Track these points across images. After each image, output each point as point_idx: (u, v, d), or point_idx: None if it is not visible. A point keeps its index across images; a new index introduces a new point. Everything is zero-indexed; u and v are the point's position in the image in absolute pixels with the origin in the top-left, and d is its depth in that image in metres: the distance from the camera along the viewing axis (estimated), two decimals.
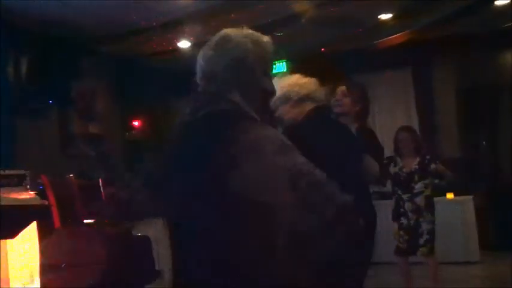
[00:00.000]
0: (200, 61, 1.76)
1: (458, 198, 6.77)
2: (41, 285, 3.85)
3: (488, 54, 7.46)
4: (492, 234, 6.92)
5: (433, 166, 4.91)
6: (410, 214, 4.81)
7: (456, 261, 6.47)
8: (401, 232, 4.81)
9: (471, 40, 7.16)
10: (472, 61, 7.42)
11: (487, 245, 6.75)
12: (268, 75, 1.81)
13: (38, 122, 6.00)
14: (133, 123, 7.42)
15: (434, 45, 7.36)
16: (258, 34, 1.79)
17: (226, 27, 1.82)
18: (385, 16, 6.22)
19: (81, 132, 6.81)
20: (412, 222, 4.81)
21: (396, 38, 6.94)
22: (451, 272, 5.97)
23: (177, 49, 6.76)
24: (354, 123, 3.15)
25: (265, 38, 1.79)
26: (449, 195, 6.74)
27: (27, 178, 4.18)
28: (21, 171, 4.28)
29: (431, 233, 4.85)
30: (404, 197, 4.83)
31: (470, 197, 6.77)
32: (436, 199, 5.07)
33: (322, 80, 2.71)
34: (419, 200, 4.83)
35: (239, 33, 1.77)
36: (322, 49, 7.24)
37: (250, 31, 1.78)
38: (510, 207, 6.81)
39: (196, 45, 6.67)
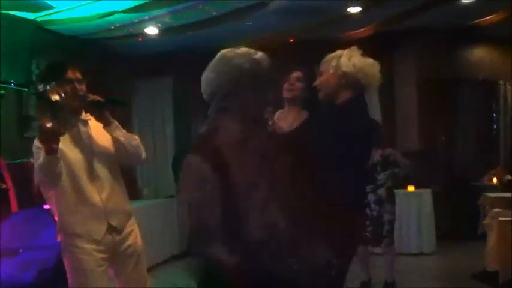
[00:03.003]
0: (203, 83, 1.91)
1: (417, 190, 6.92)
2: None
3: (449, 48, 7.62)
4: (448, 225, 7.11)
5: (392, 158, 5.00)
6: (373, 205, 4.89)
7: (411, 252, 6.62)
8: (367, 222, 4.88)
9: (433, 34, 7.30)
10: (432, 55, 7.56)
11: (443, 236, 6.93)
12: (265, 89, 1.92)
13: None
14: None
15: (397, 39, 7.46)
16: (253, 52, 1.91)
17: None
18: (353, 10, 6.26)
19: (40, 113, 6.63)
20: (375, 213, 4.89)
21: (362, 31, 7.00)
22: (406, 263, 6.10)
23: (144, 35, 6.64)
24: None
25: (259, 54, 1.91)
26: (410, 188, 6.89)
27: None
28: None
29: (392, 223, 4.95)
30: (367, 188, 4.89)
31: (429, 189, 6.91)
32: (396, 191, 5.16)
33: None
34: (382, 191, 4.91)
35: (235, 53, 1.89)
36: (291, 40, 7.23)
37: (245, 50, 1.91)
38: (465, 199, 7.00)
39: (164, 31, 6.56)
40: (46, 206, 5.07)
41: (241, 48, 1.92)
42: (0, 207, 4.06)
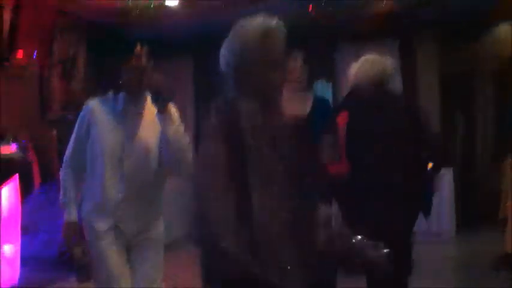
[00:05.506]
0: (220, 60, 1.76)
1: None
2: (21, 245, 3.80)
3: (470, 38, 7.49)
4: (468, 209, 7.02)
5: None
6: None
7: (430, 235, 6.52)
8: None
9: (453, 24, 7.15)
10: (454, 45, 7.44)
11: (463, 219, 6.84)
12: (279, 63, 1.74)
13: (18, 83, 5.85)
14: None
15: (417, 28, 7.33)
16: (267, 20, 1.72)
17: None
18: None
19: (62, 96, 6.65)
20: None
21: (382, 15, 6.87)
22: (424, 246, 6.01)
23: (165, 7, 6.55)
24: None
25: (273, 23, 1.72)
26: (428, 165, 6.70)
27: (9, 133, 4.11)
28: (3, 126, 4.20)
29: None
30: None
31: (450, 169, 6.61)
32: None
33: None
34: None
35: (247, 25, 1.72)
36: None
37: (258, 20, 1.72)
38: (481, 187, 6.91)
39: (185, 2, 6.48)
40: None
41: (256, 18, 1.72)
42: (24, 181, 4.08)
